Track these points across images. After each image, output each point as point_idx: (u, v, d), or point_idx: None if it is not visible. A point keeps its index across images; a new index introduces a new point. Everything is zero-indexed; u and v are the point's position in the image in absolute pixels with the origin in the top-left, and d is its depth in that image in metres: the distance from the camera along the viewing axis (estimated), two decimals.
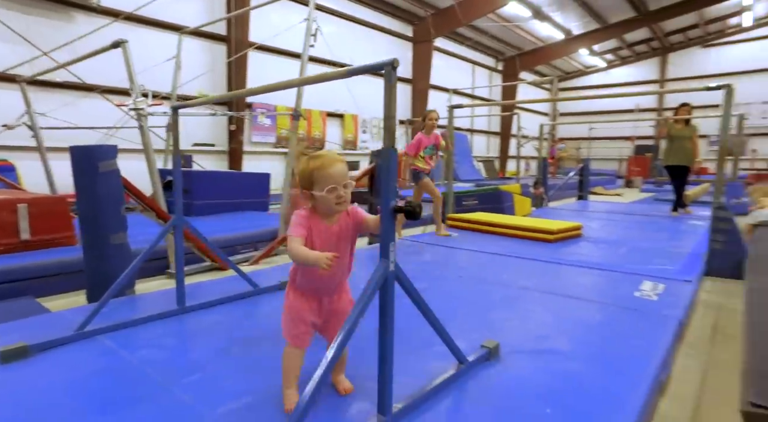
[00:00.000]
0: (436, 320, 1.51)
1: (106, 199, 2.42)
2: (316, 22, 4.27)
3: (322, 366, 1.15)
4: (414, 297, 1.41)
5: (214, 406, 1.43)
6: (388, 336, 1.28)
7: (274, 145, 12.59)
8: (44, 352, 1.79)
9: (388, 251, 1.28)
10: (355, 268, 1.56)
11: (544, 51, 20.23)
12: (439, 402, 1.46)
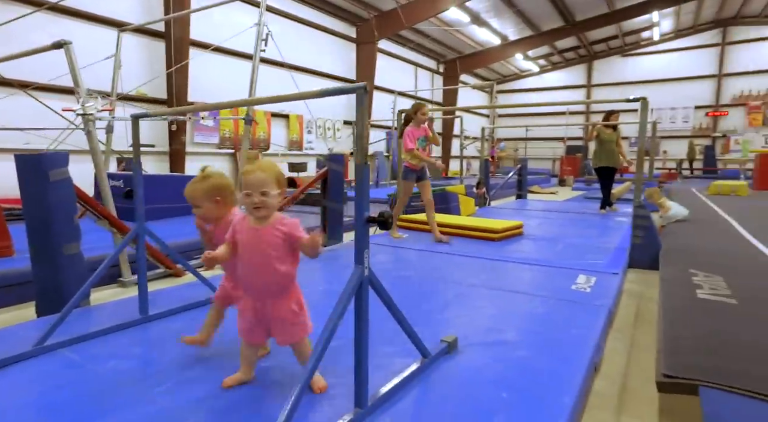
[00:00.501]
0: (404, 319, 1.65)
1: (57, 208, 2.34)
2: (267, 26, 4.28)
3: (307, 369, 1.25)
4: (385, 299, 1.55)
5: (189, 413, 1.48)
6: (363, 336, 1.41)
7: (218, 146, 12.25)
8: (2, 369, 1.74)
9: (363, 257, 1.41)
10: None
11: (483, 55, 21.11)
12: (407, 393, 1.61)
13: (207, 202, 1.79)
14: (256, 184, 1.48)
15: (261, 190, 1.47)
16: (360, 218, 1.38)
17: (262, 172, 1.51)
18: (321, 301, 2.79)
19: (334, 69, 15.57)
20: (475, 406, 1.54)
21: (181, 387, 1.64)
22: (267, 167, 1.55)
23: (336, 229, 4.36)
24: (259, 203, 1.48)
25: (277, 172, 1.56)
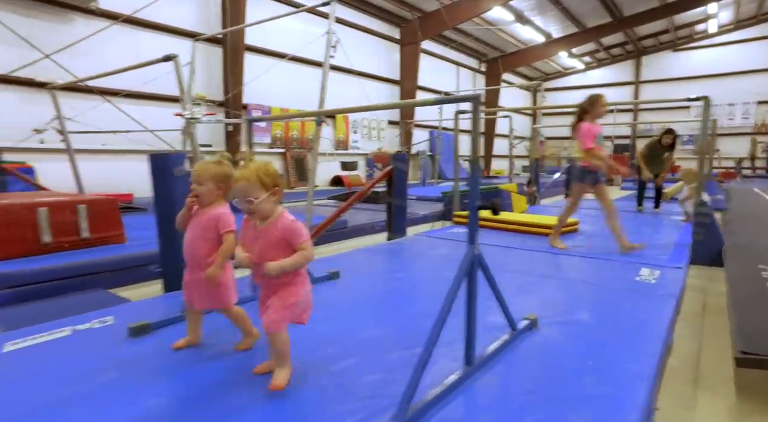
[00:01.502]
0: (501, 295, 1.90)
1: (179, 200, 2.73)
2: (335, 34, 4.60)
3: (432, 339, 1.52)
4: (488, 276, 1.79)
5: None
6: (473, 305, 1.67)
7: (269, 146, 12.83)
8: (162, 328, 2.12)
9: (474, 238, 1.66)
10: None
11: (526, 53, 20.94)
12: (504, 357, 1.85)
13: (210, 184, 1.83)
14: (241, 193, 1.58)
15: (246, 198, 1.57)
16: (473, 205, 1.64)
17: (245, 180, 1.57)
18: (397, 286, 3.08)
19: (379, 70, 15.90)
20: (565, 370, 1.76)
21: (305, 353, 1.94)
22: (248, 174, 1.57)
23: (400, 224, 4.64)
24: (248, 210, 1.59)
25: (259, 176, 1.57)
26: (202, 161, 1.95)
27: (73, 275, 3.11)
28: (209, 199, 1.85)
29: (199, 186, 1.85)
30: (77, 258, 3.23)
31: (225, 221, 1.83)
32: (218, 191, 1.86)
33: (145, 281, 3.41)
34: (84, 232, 3.49)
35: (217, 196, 1.86)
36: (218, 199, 1.88)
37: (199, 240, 1.86)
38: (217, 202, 1.88)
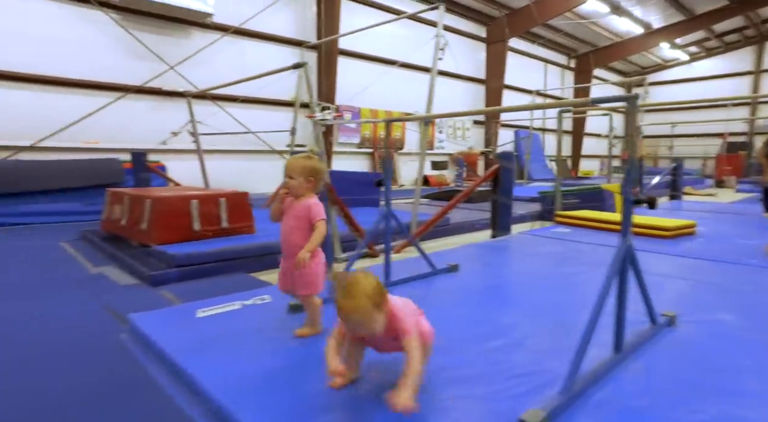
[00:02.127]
0: (646, 288, 1.92)
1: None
2: (444, 37, 4.75)
3: (588, 329, 1.60)
4: (637, 269, 1.83)
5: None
6: (624, 295, 1.73)
7: (358, 146, 13.33)
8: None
9: (627, 231, 1.72)
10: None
11: (621, 46, 19.68)
12: (649, 348, 1.88)
13: (300, 177, 1.99)
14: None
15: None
16: (627, 200, 1.70)
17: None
18: (516, 279, 3.16)
19: (465, 69, 15.82)
20: (717, 365, 1.75)
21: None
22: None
23: (505, 222, 4.68)
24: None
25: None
26: (294, 157, 2.07)
27: (221, 259, 3.56)
28: (300, 191, 2.00)
29: (290, 179, 1.99)
30: (222, 245, 3.68)
31: (317, 211, 1.98)
32: (308, 184, 2.00)
33: (275, 268, 3.79)
34: (224, 222, 3.97)
35: (306, 188, 2.00)
36: (308, 191, 2.01)
37: (294, 230, 1.99)
38: (308, 193, 2.01)
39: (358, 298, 1.36)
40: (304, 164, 2.00)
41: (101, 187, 6.64)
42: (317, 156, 2.14)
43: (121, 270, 3.63)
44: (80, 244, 4.72)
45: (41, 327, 2.45)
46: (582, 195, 6.25)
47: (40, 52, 8.20)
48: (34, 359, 2.06)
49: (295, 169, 1.99)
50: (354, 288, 1.39)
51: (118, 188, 4.86)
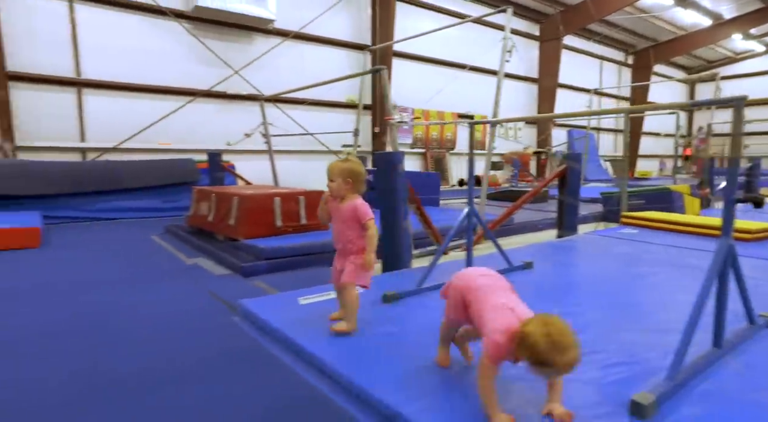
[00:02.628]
0: (745, 287, 1.95)
1: (400, 193, 3.21)
2: (512, 40, 4.80)
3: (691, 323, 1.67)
4: (737, 267, 1.86)
5: None
6: (724, 292, 1.77)
7: (411, 146, 13.48)
8: (406, 298, 2.57)
9: (729, 230, 1.76)
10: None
11: (685, 40, 18.70)
12: (751, 346, 1.91)
13: (339, 179, 2.06)
14: (329, 174, 2.10)
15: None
16: (730, 198, 1.74)
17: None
18: (592, 278, 3.19)
19: (518, 68, 15.62)
20: None
21: None
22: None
23: (571, 222, 4.69)
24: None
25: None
26: (335, 161, 2.16)
27: (303, 253, 3.81)
28: (340, 192, 2.08)
29: (331, 182, 2.09)
30: (303, 240, 3.93)
31: (363, 211, 2.04)
32: (346, 185, 2.06)
33: None
34: (302, 219, 4.22)
35: (346, 189, 2.07)
36: (348, 192, 2.08)
37: (344, 230, 2.08)
38: (350, 195, 2.09)
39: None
40: (341, 167, 2.09)
41: (177, 186, 7.18)
42: (355, 158, 2.22)
43: (213, 261, 3.96)
44: (168, 237, 5.14)
45: (162, 310, 2.76)
46: (648, 196, 6.10)
47: (124, 61, 8.90)
48: (166, 336, 2.34)
49: (334, 171, 2.09)
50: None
51: (203, 187, 5.24)
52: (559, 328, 1.27)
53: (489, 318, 1.41)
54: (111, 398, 1.69)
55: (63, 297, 2.94)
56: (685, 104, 2.24)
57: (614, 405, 1.46)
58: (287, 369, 1.92)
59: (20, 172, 5.94)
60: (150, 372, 1.91)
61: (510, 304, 1.44)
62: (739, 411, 1.46)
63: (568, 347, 1.24)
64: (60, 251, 4.39)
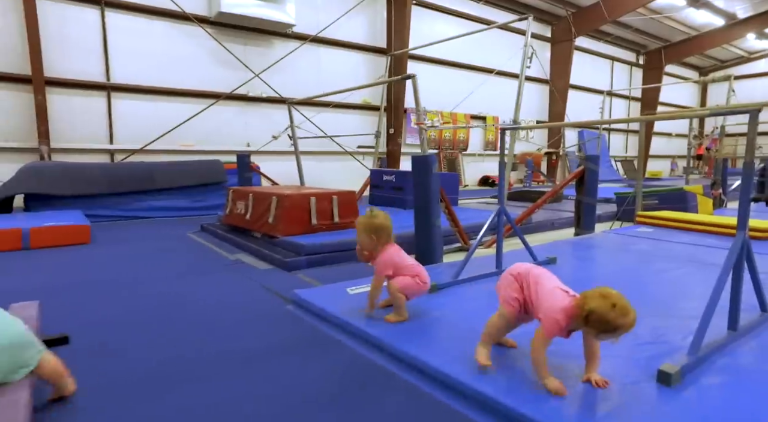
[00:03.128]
0: (758, 277, 2.17)
1: (434, 194, 3.46)
2: (531, 47, 5.02)
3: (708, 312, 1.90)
4: (751, 260, 2.09)
5: None
6: (739, 281, 2.00)
7: None
8: (446, 288, 2.82)
9: (745, 225, 1.99)
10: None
11: (697, 40, 18.73)
12: (762, 331, 2.13)
13: (363, 235, 2.29)
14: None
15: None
16: (745, 196, 1.97)
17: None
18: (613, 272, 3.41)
19: (530, 70, 15.74)
20: None
21: None
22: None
23: (589, 221, 4.90)
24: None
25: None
26: (362, 216, 2.40)
27: (339, 250, 4.07)
28: (368, 246, 2.34)
29: (359, 235, 2.36)
30: (338, 237, 4.20)
31: (378, 268, 2.32)
32: (370, 241, 2.31)
33: None
34: (336, 218, 4.48)
35: (372, 245, 2.32)
36: (377, 245, 2.32)
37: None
38: (377, 248, 2.32)
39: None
40: (365, 222, 2.32)
41: (205, 186, 7.49)
42: (379, 212, 2.38)
43: (253, 257, 4.23)
44: (204, 235, 5.43)
45: (221, 300, 3.03)
46: (662, 196, 6.29)
47: (150, 66, 9.24)
48: (232, 323, 2.61)
49: (358, 228, 2.34)
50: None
51: (238, 187, 5.52)
52: (617, 296, 1.51)
53: (547, 299, 1.65)
54: (203, 377, 1.96)
55: (129, 290, 3.21)
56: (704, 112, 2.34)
57: (644, 376, 1.70)
58: (350, 349, 2.18)
59: (63, 173, 6.27)
60: (229, 354, 2.17)
61: (563, 286, 1.69)
62: (754, 381, 1.69)
63: (629, 309, 1.50)
64: (109, 247, 4.69)
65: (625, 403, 1.53)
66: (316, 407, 1.70)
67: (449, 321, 2.31)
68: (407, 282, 2.27)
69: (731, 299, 2.02)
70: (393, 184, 6.69)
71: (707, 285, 2.29)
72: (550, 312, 1.60)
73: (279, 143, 8.66)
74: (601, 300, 1.50)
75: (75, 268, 3.84)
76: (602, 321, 1.48)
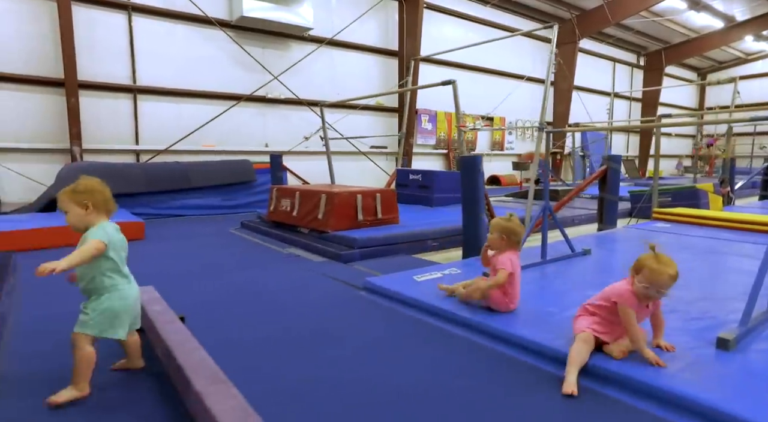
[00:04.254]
0: None
1: (480, 190, 3.77)
2: (557, 54, 5.34)
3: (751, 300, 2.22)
4: None
5: None
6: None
7: (434, 147, 14.04)
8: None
9: None
10: None
11: (696, 42, 19.17)
12: None
13: (496, 234, 2.45)
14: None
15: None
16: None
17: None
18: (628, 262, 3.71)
19: (533, 71, 16.13)
20: None
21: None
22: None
23: (611, 217, 5.24)
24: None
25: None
26: (497, 218, 2.54)
27: (386, 243, 4.38)
28: (496, 245, 2.48)
29: (490, 234, 2.50)
30: (384, 232, 4.51)
31: (502, 261, 2.42)
32: (501, 241, 2.44)
33: (425, 251, 4.59)
34: (379, 214, 4.79)
35: (501, 244, 2.46)
36: (503, 246, 2.45)
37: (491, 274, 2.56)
38: (504, 248, 2.44)
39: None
40: (501, 224, 2.47)
41: (235, 185, 7.78)
42: (516, 219, 2.52)
43: (304, 250, 4.53)
44: (246, 231, 5.73)
45: (292, 287, 3.33)
46: (674, 194, 6.64)
47: (174, 68, 9.51)
48: (310, 306, 2.90)
49: (495, 227, 2.48)
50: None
51: (282, 186, 5.81)
52: (660, 254, 1.94)
53: (611, 288, 2.00)
54: (303, 350, 2.25)
55: (205, 280, 3.48)
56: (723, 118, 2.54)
57: (702, 343, 2.03)
58: (432, 326, 2.48)
59: (107, 173, 6.53)
60: (324, 331, 2.47)
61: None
62: None
63: (672, 262, 1.90)
64: (162, 243, 4.98)
65: (692, 364, 1.84)
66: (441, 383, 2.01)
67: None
68: (498, 297, 2.41)
69: (752, 292, 2.34)
70: (419, 182, 7.00)
71: (734, 272, 2.64)
72: (617, 290, 1.94)
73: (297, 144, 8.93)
74: (648, 255, 1.95)
75: (145, 261, 4.13)
76: (650, 269, 1.86)
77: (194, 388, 1.50)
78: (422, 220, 5.27)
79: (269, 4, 9.95)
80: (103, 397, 1.76)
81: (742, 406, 1.51)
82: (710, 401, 1.55)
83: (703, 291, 2.82)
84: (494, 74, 15.06)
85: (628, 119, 19.78)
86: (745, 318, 2.09)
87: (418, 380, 1.90)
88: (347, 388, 1.83)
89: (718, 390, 1.63)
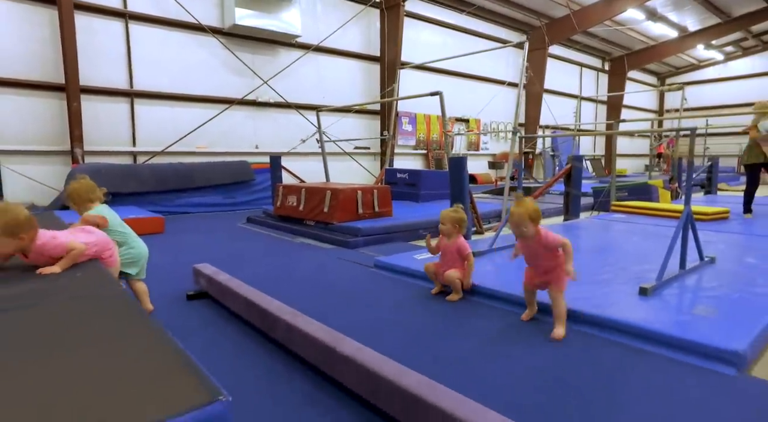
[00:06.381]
0: (698, 236, 3.32)
1: (465, 187, 4.52)
2: (527, 67, 6.15)
3: None
4: (693, 224, 3.23)
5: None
6: (686, 236, 3.14)
7: (414, 147, 14.82)
8: (486, 254, 3.89)
9: (689, 202, 3.14)
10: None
11: (655, 49, 20.60)
12: (699, 271, 3.29)
13: (449, 224, 2.93)
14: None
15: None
16: (689, 187, 3.11)
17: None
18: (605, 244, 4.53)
19: (506, 75, 17.12)
20: (752, 278, 3.14)
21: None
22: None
23: (576, 209, 6.09)
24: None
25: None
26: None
27: (385, 232, 5.09)
28: (450, 233, 2.95)
29: (443, 225, 2.92)
30: (382, 223, 5.21)
31: (464, 247, 2.91)
32: (454, 229, 2.94)
33: (416, 239, 5.32)
34: (376, 208, 5.49)
35: (453, 231, 2.93)
36: (455, 233, 2.94)
37: (448, 261, 3.00)
38: (455, 235, 2.94)
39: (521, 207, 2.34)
40: (452, 216, 2.93)
41: (234, 184, 8.34)
42: (461, 209, 3.01)
43: (313, 240, 5.20)
44: (254, 225, 6.33)
45: (316, 268, 4.00)
46: (630, 189, 7.58)
47: (168, 73, 9.97)
48: (336, 281, 3.58)
49: (446, 218, 2.92)
50: (521, 202, 2.39)
51: (286, 184, 6.44)
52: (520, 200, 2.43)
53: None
54: (353, 308, 2.93)
55: (237, 265, 4.09)
56: (661, 129, 3.08)
57: (632, 291, 2.82)
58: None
59: (120, 173, 7.04)
60: (361, 295, 3.16)
61: None
62: (693, 293, 2.83)
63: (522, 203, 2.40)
64: (181, 236, 5.54)
65: (618, 301, 2.63)
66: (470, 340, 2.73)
67: (501, 270, 3.37)
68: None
69: (681, 249, 3.17)
70: (407, 180, 7.73)
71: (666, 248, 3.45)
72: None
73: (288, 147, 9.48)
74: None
75: (176, 250, 4.70)
76: (510, 211, 2.44)
77: (283, 321, 2.17)
78: (413, 213, 6.01)
79: (259, 13, 10.52)
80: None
81: (652, 325, 2.29)
82: (633, 321, 2.33)
83: (640, 260, 3.64)
84: (470, 78, 15.94)
85: (594, 121, 21.03)
86: (660, 275, 2.89)
87: (436, 322, 2.63)
88: (398, 328, 2.54)
89: (639, 317, 2.42)
